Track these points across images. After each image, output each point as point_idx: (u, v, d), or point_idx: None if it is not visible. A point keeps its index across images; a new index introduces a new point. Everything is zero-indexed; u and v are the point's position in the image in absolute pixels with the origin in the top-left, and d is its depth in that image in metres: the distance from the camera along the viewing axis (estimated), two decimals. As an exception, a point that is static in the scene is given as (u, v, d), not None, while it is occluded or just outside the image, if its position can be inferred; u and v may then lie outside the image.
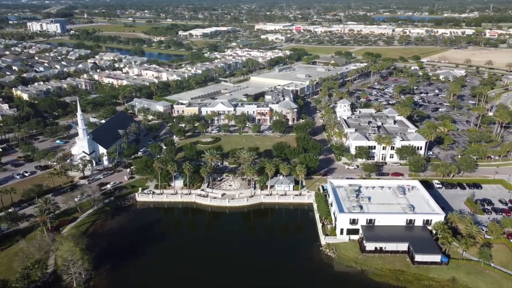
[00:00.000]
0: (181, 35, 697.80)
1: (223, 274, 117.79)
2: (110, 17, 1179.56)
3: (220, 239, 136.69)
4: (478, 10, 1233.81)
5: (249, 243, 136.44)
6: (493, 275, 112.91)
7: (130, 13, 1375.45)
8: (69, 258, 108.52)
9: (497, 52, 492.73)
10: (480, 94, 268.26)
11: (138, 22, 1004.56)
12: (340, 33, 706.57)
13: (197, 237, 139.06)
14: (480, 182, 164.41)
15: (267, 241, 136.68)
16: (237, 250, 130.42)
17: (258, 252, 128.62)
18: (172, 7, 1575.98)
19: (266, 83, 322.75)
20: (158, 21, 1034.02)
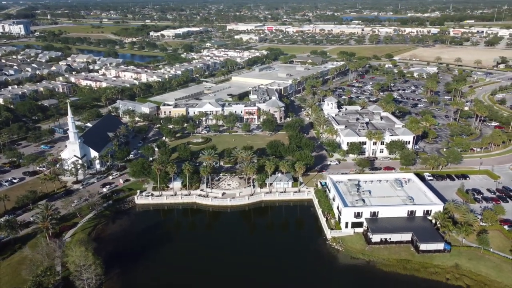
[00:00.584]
0: (153, 36, 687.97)
1: (234, 272, 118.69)
2: (75, 18, 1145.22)
3: (225, 238, 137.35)
4: (439, 10, 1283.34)
5: (254, 241, 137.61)
6: (493, 259, 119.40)
7: (96, 14, 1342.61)
8: (81, 264, 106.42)
9: (463, 49, 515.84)
10: (456, 90, 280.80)
11: (106, 23, 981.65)
12: (312, 32, 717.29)
13: (201, 237, 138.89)
14: (467, 173, 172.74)
15: (272, 238, 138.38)
16: (244, 248, 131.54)
17: (265, 249, 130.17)
18: (138, 8, 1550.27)
19: (248, 83, 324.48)
20: (126, 22, 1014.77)
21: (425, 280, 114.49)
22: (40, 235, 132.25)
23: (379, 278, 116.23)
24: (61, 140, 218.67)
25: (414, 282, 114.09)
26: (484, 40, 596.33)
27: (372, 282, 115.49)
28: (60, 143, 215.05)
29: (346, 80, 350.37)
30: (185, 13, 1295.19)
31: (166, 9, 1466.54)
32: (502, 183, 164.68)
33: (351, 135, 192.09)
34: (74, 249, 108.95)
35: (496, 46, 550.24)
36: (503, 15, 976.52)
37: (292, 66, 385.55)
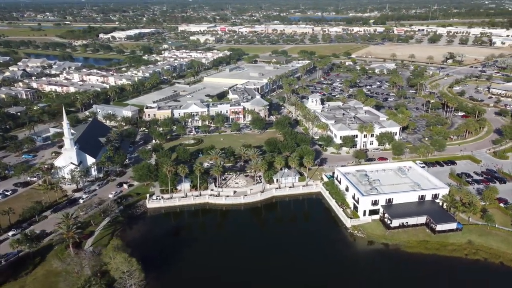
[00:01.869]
0: (103, 38, 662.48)
1: (266, 264, 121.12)
2: (8, 20, 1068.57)
3: (248, 234, 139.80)
4: (377, 9, 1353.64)
5: (276, 234, 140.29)
6: (500, 234, 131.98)
7: (30, 16, 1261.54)
8: (125, 270, 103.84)
9: (410, 46, 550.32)
10: (421, 84, 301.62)
11: (45, 25, 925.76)
12: (265, 32, 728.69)
13: (223, 236, 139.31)
14: (453, 159, 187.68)
15: (292, 230, 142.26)
16: (269, 241, 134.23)
17: (289, 241, 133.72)
18: (76, 9, 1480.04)
19: (221, 83, 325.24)
20: (67, 24, 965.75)
21: (447, 258, 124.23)
22: (58, 246, 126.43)
23: (406, 259, 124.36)
24: (42, 148, 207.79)
25: (437, 260, 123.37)
26: (426, 37, 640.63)
27: (402, 262, 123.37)
28: (42, 151, 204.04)
29: (314, 78, 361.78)
30: (129, 15, 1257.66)
31: (107, 10, 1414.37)
32: (484, 166, 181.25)
33: (343, 129, 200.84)
34: (115, 256, 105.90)
35: (437, 43, 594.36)
36: (437, 15, 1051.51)
37: (261, 66, 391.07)
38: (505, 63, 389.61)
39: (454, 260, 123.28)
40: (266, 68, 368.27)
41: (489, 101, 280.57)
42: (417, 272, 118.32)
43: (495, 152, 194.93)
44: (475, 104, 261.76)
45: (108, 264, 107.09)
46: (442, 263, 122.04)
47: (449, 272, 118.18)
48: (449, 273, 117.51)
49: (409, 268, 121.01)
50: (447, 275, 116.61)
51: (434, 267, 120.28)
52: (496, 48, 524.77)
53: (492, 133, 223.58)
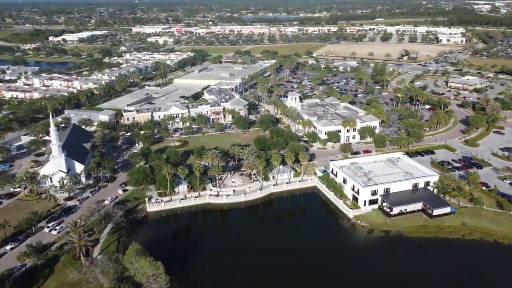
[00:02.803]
0: (53, 41, 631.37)
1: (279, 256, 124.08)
2: None
3: (256, 230, 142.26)
4: (325, 10, 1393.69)
5: (282, 228, 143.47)
6: (488, 215, 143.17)
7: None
8: (151, 274, 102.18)
9: (364, 45, 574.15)
10: (387, 80, 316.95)
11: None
12: (222, 33, 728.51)
13: (231, 234, 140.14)
14: (431, 149, 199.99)
15: (296, 224, 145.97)
16: (278, 235, 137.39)
17: (297, 233, 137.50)
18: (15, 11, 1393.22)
19: (193, 84, 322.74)
20: (9, 26, 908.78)
21: (447, 239, 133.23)
22: (65, 257, 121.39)
23: (411, 243, 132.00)
24: (17, 157, 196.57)
25: (439, 242, 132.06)
26: (378, 36, 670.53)
27: (407, 246, 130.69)
28: (18, 160, 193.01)
29: (282, 77, 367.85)
30: (75, 16, 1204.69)
31: (50, 12, 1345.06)
32: (460, 154, 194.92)
33: (327, 124, 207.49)
34: (138, 260, 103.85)
35: (389, 41, 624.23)
36: (383, 14, 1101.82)
37: (229, 66, 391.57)
38: (456, 58, 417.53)
39: (454, 241, 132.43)
40: (235, 69, 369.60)
41: (449, 94, 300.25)
42: (423, 255, 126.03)
43: (466, 141, 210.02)
44: (439, 97, 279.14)
45: (129, 269, 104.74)
46: (444, 245, 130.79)
47: (452, 252, 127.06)
48: (452, 254, 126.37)
49: (416, 251, 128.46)
50: (451, 256, 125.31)
51: (437, 249, 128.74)
52: (443, 45, 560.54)
53: (459, 123, 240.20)
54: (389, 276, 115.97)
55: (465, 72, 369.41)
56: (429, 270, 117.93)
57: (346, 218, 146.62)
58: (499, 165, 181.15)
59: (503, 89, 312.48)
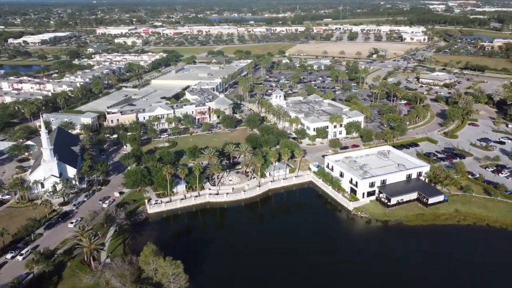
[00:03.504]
0: (14, 43, 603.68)
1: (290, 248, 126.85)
2: None
3: (261, 226, 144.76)
4: (289, 10, 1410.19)
5: (286, 222, 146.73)
6: (478, 201, 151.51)
7: None
8: (171, 273, 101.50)
9: (333, 44, 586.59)
10: (362, 77, 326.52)
11: None
12: (191, 34, 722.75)
13: (238, 231, 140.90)
14: (415, 142, 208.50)
15: (299, 218, 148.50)
16: (284, 228, 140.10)
17: (303, 228, 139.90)
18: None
19: (171, 85, 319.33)
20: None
21: (444, 226, 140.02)
22: (71, 262, 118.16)
23: (411, 231, 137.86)
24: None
25: (437, 229, 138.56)
26: (344, 35, 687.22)
27: (408, 234, 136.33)
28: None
29: (259, 77, 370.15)
30: (32, 18, 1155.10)
31: (5, 13, 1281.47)
32: (441, 145, 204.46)
33: (316, 121, 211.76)
34: (156, 260, 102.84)
35: (356, 40, 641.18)
36: (346, 14, 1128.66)
37: (206, 67, 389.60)
38: (423, 56, 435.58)
39: (450, 227, 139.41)
40: (211, 69, 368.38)
41: (421, 90, 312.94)
42: (425, 241, 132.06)
43: (446, 133, 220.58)
44: (415, 92, 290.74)
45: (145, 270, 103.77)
46: (442, 231, 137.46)
47: (450, 238, 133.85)
48: (451, 239, 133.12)
49: (417, 238, 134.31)
50: (450, 241, 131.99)
51: (436, 236, 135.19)
52: (407, 43, 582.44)
53: (436, 117, 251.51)
54: (398, 264, 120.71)
55: (432, 68, 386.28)
56: (433, 255, 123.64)
57: (346, 210, 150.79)
58: (479, 154, 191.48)
59: (470, 83, 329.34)
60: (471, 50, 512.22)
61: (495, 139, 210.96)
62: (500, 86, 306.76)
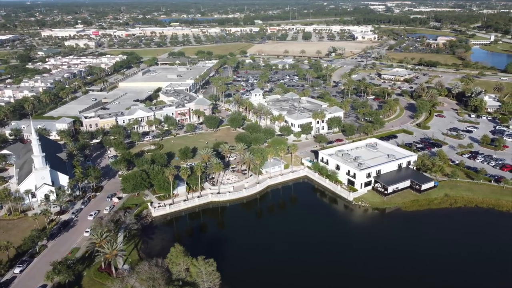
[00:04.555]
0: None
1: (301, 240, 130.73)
2: None
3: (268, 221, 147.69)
4: (237, 11, 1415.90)
5: (291, 215, 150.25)
6: (463, 185, 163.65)
7: None
8: (204, 272, 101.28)
9: (289, 43, 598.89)
10: (329, 75, 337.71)
11: None
12: (144, 35, 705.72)
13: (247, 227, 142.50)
14: (392, 134, 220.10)
15: (303, 211, 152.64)
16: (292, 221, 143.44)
17: (310, 220, 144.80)
18: None
19: (141, 87, 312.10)
20: None
21: (439, 209, 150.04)
22: (88, 271, 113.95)
23: (410, 216, 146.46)
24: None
25: (433, 212, 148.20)
26: (299, 35, 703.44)
27: (410, 219, 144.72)
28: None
29: (228, 76, 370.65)
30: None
31: None
32: (417, 136, 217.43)
33: (300, 118, 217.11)
34: (188, 260, 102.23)
35: (310, 39, 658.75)
36: (295, 15, 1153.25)
37: (173, 68, 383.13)
38: (379, 53, 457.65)
39: (444, 211, 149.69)
40: (179, 70, 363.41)
41: (385, 86, 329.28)
42: (425, 224, 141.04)
43: (418, 125, 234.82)
44: (381, 88, 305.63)
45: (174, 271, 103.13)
46: (438, 214, 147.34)
47: (446, 220, 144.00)
48: (447, 221, 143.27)
49: (417, 222, 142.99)
50: (447, 222, 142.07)
51: (434, 219, 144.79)
52: (360, 42, 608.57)
53: (405, 110, 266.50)
54: (405, 246, 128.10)
55: (390, 65, 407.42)
56: (437, 236, 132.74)
57: (347, 201, 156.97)
58: (452, 143, 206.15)
59: (427, 78, 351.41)
60: (419, 48, 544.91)
61: (462, 128, 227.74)
62: (455, 79, 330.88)
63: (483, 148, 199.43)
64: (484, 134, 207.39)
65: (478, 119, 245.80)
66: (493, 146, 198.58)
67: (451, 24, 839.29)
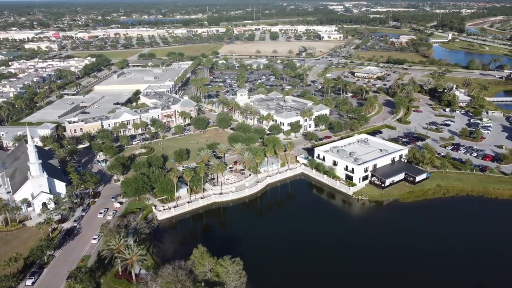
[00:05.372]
0: None
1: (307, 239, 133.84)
2: None
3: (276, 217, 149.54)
4: (199, 12, 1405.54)
5: (296, 211, 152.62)
6: (452, 175, 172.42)
7: None
8: (231, 271, 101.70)
9: (258, 43, 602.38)
10: (306, 74, 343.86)
11: None
12: (107, 37, 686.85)
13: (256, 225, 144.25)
14: (377, 129, 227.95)
15: (306, 207, 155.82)
16: (299, 219, 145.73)
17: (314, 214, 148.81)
18: None
19: (118, 90, 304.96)
20: None
21: (434, 199, 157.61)
22: (105, 277, 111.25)
23: (409, 206, 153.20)
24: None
25: (429, 202, 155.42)
26: (266, 35, 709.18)
27: (409, 209, 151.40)
28: None
29: (204, 77, 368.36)
30: None
31: None
32: (400, 131, 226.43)
33: (289, 116, 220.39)
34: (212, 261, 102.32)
35: (278, 39, 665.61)
36: (259, 16, 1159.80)
37: (148, 70, 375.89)
38: (348, 52, 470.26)
39: (439, 200, 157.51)
40: (155, 72, 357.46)
41: (359, 83, 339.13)
42: (424, 214, 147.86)
43: (399, 120, 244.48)
44: (358, 86, 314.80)
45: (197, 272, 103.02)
46: (434, 204, 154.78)
47: (443, 208, 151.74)
48: (443, 209, 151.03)
49: (416, 212, 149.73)
50: (443, 211, 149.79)
51: (430, 208, 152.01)
52: (327, 42, 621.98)
53: (383, 106, 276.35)
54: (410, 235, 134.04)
55: (361, 63, 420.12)
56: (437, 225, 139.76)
57: (347, 195, 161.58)
58: (433, 136, 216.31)
59: (398, 75, 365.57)
60: (384, 46, 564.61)
61: (440, 122, 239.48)
62: (424, 76, 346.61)
63: (463, 140, 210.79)
64: (463, 127, 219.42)
65: (453, 113, 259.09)
66: (472, 138, 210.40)
67: (409, 24, 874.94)
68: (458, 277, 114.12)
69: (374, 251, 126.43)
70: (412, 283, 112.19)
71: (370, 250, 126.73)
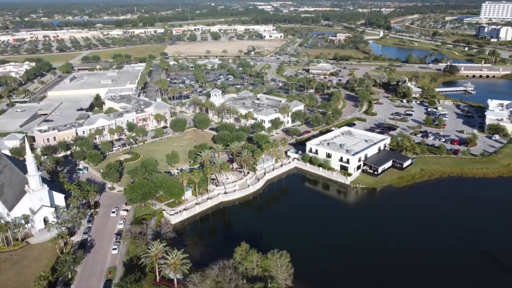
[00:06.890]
0: None
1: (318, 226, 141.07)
2: None
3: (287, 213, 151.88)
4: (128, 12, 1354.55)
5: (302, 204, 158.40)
6: (431, 160, 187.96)
7: None
8: (279, 265, 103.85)
9: (203, 43, 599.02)
10: (265, 72, 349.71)
11: None
12: (36, 40, 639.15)
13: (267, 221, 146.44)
14: (349, 122, 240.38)
15: (310, 198, 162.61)
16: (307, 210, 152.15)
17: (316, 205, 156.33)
18: None
19: (75, 95, 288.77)
20: None
21: (422, 182, 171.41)
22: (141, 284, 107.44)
23: (403, 191, 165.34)
24: None
25: (418, 185, 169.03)
26: (207, 35, 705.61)
27: (404, 193, 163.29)
28: None
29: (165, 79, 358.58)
30: None
31: None
32: (370, 122, 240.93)
33: (270, 113, 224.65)
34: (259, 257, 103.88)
35: (220, 39, 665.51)
36: (193, 16, 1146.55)
37: (101, 73, 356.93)
38: (296, 50, 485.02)
39: (427, 183, 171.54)
40: (109, 74, 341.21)
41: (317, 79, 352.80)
42: (417, 196, 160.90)
43: (366, 112, 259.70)
44: (319, 82, 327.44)
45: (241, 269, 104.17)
46: (423, 186, 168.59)
47: (432, 190, 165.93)
48: (433, 191, 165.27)
49: (410, 195, 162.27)
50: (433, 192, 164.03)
51: (423, 190, 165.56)
52: (269, 41, 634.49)
53: (346, 100, 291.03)
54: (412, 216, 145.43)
55: (310, 60, 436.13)
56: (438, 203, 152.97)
57: (345, 185, 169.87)
58: (401, 125, 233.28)
59: (348, 71, 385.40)
60: (325, 44, 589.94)
61: (402, 112, 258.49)
62: (372, 71, 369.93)
63: (428, 127, 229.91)
64: (426, 116, 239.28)
65: (410, 103, 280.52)
66: (435, 125, 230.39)
67: (339, 22, 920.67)
68: (459, 244, 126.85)
69: (386, 228, 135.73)
70: (427, 254, 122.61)
71: (372, 222, 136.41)
